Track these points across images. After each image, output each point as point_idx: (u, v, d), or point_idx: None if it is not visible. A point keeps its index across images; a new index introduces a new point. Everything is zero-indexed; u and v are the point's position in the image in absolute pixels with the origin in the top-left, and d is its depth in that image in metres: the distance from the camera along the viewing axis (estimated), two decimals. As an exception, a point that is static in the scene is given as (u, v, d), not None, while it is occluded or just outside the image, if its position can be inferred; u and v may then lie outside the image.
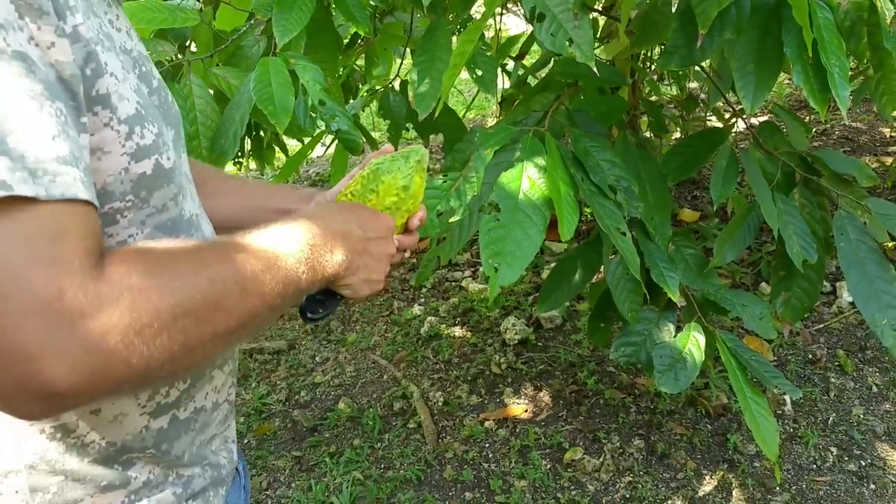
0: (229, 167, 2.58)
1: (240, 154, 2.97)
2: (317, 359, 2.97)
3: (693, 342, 1.59)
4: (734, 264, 3.01)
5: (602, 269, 1.75)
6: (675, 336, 1.63)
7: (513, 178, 1.35)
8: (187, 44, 1.94)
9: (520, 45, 2.69)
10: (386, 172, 0.89)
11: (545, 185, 1.34)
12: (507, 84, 2.84)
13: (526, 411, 2.47)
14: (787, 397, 2.34)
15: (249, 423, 2.61)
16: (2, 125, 0.52)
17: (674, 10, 1.55)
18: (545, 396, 2.53)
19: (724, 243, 1.64)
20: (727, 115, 2.82)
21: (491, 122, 5.20)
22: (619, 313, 1.65)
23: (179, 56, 1.58)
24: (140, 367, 0.55)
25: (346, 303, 0.93)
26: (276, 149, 3.09)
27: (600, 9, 2.30)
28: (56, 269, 0.52)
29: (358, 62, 2.50)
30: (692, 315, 1.66)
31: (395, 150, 0.96)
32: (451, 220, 1.43)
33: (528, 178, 1.35)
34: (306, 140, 2.28)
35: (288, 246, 0.69)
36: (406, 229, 0.94)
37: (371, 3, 2.02)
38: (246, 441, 2.54)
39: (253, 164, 3.41)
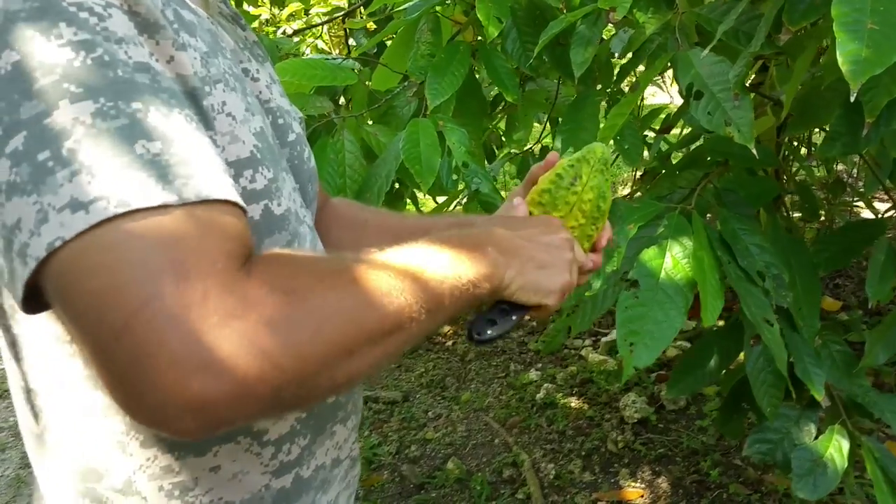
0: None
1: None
2: (430, 414, 2.96)
3: (835, 447, 1.48)
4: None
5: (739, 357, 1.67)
6: (815, 438, 1.52)
7: (655, 256, 1.31)
8: (341, 101, 2.02)
9: (662, 117, 2.66)
10: (578, 186, 0.82)
11: (689, 265, 1.29)
12: (645, 153, 2.80)
13: (642, 496, 2.36)
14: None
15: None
16: (131, 134, 0.51)
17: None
18: (664, 483, 2.41)
19: (877, 343, 1.53)
20: (882, 210, 2.66)
21: (623, 190, 5.13)
22: (755, 406, 1.56)
23: (335, 113, 1.64)
24: (295, 370, 0.51)
25: (527, 320, 0.81)
26: (408, 201, 3.16)
27: (747, 86, 2.24)
28: (197, 272, 0.49)
29: (499, 125, 2.53)
30: (836, 417, 1.54)
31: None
32: (587, 294, 1.41)
33: (672, 258, 1.30)
34: (440, 199, 2.32)
35: (427, 255, 0.64)
36: (593, 248, 0.87)
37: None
38: (353, 490, 2.54)
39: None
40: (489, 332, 0.73)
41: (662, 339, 1.23)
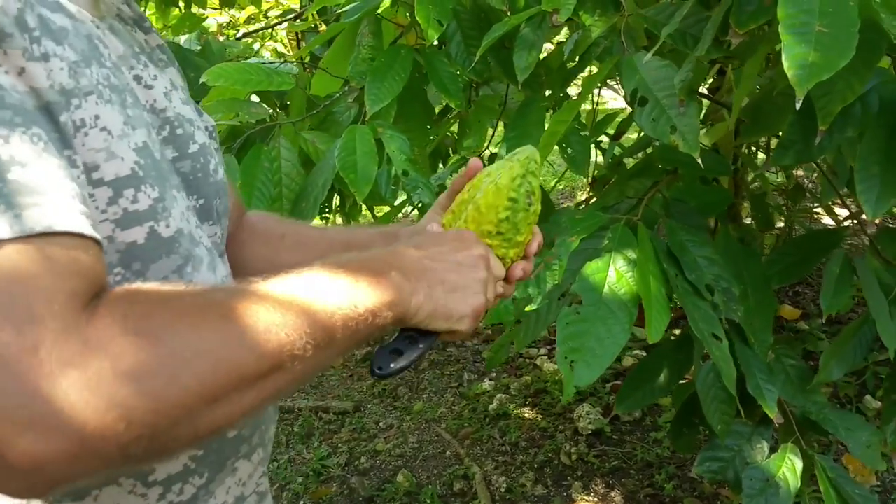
0: (316, 222, 2.58)
1: (328, 209, 2.99)
2: (381, 424, 2.88)
3: (788, 466, 1.43)
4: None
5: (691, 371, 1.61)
6: (768, 456, 1.48)
7: (598, 270, 1.25)
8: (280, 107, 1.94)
9: (617, 122, 2.60)
10: (486, 187, 0.75)
11: (634, 279, 1.23)
12: (600, 159, 2.74)
13: (595, 511, 2.31)
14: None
15: (307, 485, 2.53)
16: None
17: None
18: (617, 497, 2.36)
19: (832, 358, 1.48)
20: (842, 216, 2.65)
21: (580, 195, 5.10)
22: (706, 422, 1.51)
23: (272, 119, 1.56)
24: (144, 423, 0.46)
25: (436, 346, 0.73)
26: (363, 207, 3.08)
27: (705, 91, 2.20)
28: (28, 316, 0.44)
29: (452, 129, 2.46)
30: (790, 434, 1.50)
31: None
32: (526, 309, 1.34)
33: (616, 271, 1.24)
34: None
35: (317, 283, 0.58)
36: (524, 256, 0.81)
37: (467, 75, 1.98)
38: (302, 503, 2.47)
39: (339, 220, 3.43)
40: (392, 365, 0.67)
41: (605, 356, 1.17)
